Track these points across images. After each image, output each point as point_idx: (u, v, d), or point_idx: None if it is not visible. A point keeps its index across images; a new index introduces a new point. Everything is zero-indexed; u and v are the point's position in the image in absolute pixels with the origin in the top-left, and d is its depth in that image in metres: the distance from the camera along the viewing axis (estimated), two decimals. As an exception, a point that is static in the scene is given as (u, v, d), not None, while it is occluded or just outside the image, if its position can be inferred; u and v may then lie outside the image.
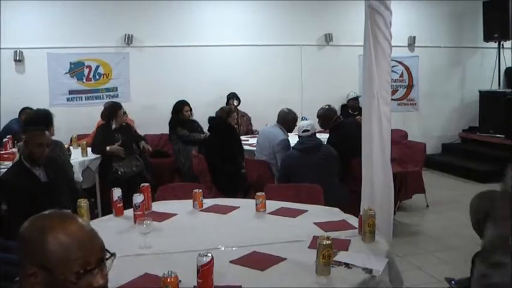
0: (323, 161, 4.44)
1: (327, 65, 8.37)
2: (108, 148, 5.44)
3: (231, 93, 7.46)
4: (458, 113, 9.31)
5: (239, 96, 7.42)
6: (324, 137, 5.20)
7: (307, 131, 4.59)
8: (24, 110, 6.47)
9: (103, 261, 1.24)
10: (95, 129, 6.07)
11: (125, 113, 6.07)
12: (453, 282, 2.44)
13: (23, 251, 1.22)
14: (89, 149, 5.60)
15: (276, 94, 7.93)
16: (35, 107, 4.99)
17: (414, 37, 8.87)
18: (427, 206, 6.13)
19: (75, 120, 7.08)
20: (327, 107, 5.51)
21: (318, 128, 5.03)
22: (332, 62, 8.40)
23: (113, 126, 5.62)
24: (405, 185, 5.70)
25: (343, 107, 8.25)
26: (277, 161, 5.01)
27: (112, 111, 5.69)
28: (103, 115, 6.04)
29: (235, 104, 7.24)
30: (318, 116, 5.50)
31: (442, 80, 9.18)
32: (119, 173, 5.40)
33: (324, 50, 8.53)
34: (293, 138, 5.09)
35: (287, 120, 5.46)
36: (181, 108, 6.53)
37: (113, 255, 1.27)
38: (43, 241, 1.18)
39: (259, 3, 7.99)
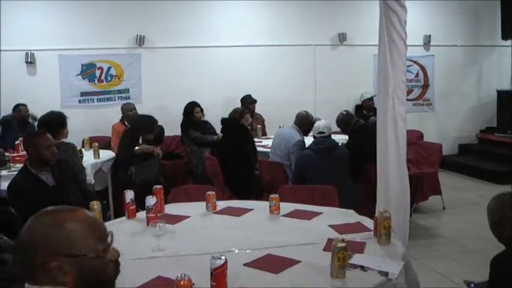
0: (337, 163, 4.41)
1: (341, 65, 8.31)
2: (137, 148, 5.22)
3: (247, 95, 7.34)
4: (475, 113, 9.18)
5: (253, 97, 7.38)
6: (339, 138, 5.13)
7: (323, 132, 4.55)
8: (18, 107, 6.52)
9: (111, 237, 1.37)
10: (115, 133, 6.09)
11: None
12: (472, 285, 2.38)
13: (36, 249, 1.24)
14: (101, 151, 5.57)
15: (289, 94, 7.91)
16: (47, 109, 5.01)
17: (429, 36, 8.77)
18: (444, 207, 6.04)
19: (87, 122, 7.13)
20: (345, 112, 5.44)
21: (334, 129, 4.98)
22: (346, 61, 8.34)
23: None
24: (421, 187, 5.64)
25: (357, 107, 8.16)
26: (292, 162, 4.97)
27: (139, 131, 5.39)
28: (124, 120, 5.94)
29: (254, 109, 7.22)
30: (337, 124, 5.42)
31: (458, 79, 9.06)
32: (134, 177, 5.15)
33: (338, 50, 8.47)
34: (309, 141, 5.03)
35: (304, 123, 5.38)
36: (191, 110, 6.44)
37: (110, 232, 1.38)
38: (60, 232, 1.25)
39: (271, 3, 7.97)
